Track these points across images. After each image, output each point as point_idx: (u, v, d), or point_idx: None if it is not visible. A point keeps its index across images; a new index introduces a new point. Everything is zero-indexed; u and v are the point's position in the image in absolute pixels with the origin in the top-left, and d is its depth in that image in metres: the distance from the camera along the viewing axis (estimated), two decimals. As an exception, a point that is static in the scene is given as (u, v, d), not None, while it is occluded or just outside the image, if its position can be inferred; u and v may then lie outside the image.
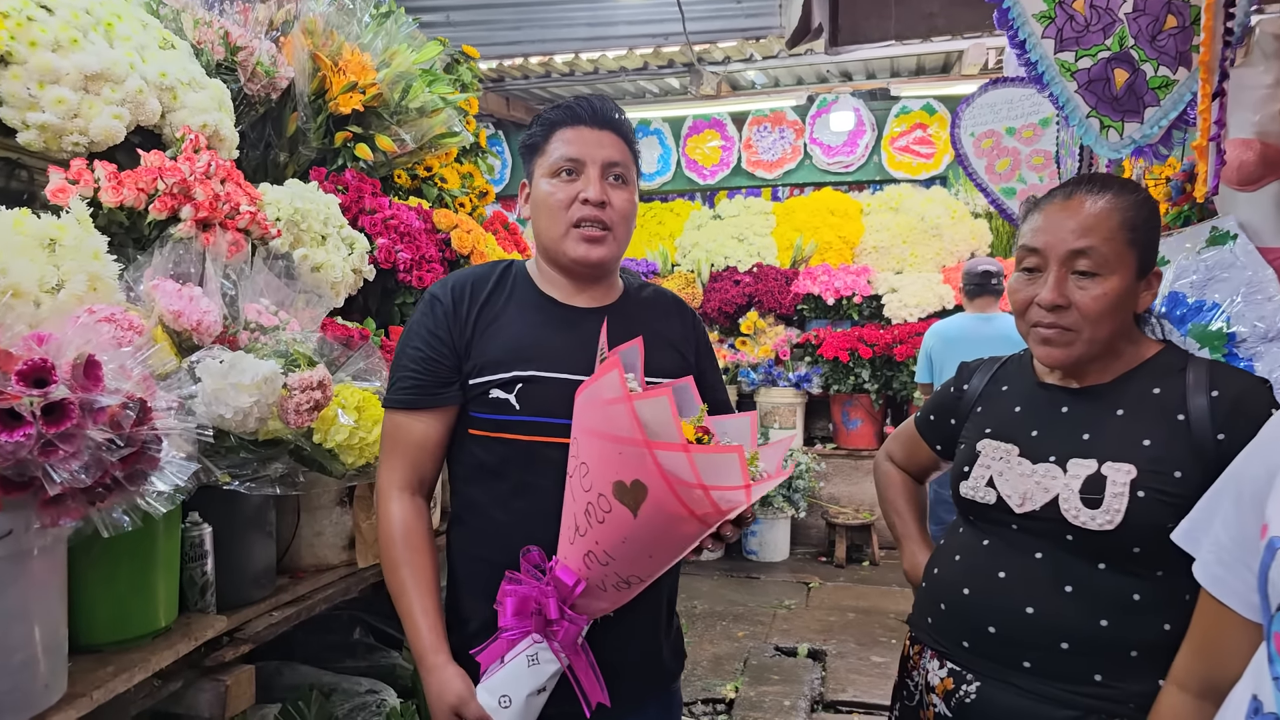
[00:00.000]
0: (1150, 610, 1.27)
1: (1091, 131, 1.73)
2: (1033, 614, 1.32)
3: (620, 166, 1.46)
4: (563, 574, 1.28)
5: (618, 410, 1.14)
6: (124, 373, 1.19)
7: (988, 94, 3.31)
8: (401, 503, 1.44)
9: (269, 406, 1.42)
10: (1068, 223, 1.33)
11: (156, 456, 1.13)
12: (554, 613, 1.28)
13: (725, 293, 6.81)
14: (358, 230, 2.42)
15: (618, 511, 1.17)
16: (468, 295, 1.47)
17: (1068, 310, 1.33)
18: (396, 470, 1.45)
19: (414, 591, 1.39)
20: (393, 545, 1.42)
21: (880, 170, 7.25)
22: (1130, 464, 1.28)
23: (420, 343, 1.45)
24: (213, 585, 1.60)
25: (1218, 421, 1.26)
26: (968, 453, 1.49)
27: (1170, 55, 1.72)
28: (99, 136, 1.75)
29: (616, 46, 5.88)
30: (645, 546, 1.21)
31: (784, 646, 4.42)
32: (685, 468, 1.10)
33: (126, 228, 1.68)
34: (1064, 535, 1.32)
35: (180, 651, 1.48)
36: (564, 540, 1.31)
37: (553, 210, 1.45)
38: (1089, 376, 1.40)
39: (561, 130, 1.46)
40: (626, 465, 1.14)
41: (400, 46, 2.82)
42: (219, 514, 1.60)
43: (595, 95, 1.51)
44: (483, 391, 1.42)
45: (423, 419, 1.44)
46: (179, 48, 2.08)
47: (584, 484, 1.22)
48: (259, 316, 1.60)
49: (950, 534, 1.54)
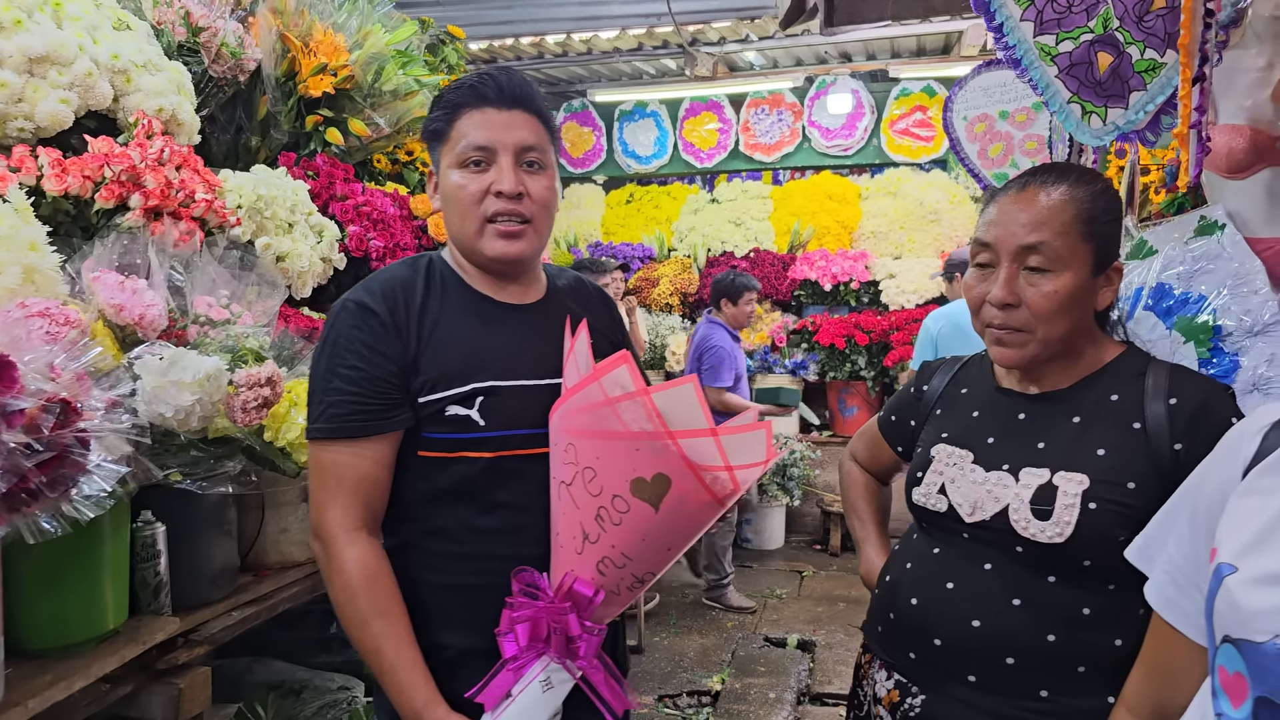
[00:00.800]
0: (1101, 626, 1.21)
1: (1072, 118, 1.66)
2: (979, 626, 1.27)
3: (536, 150, 1.32)
4: (580, 587, 1.21)
5: (631, 406, 1.10)
6: (53, 371, 1.14)
7: (981, 76, 3.23)
8: (358, 546, 1.25)
9: (214, 404, 1.37)
10: (1020, 216, 1.27)
11: (81, 461, 1.08)
12: (576, 629, 1.20)
13: (721, 278, 6.74)
14: (328, 217, 2.37)
15: (637, 509, 1.13)
16: (401, 300, 1.30)
17: (1018, 309, 1.27)
18: (348, 511, 1.26)
19: (393, 645, 1.22)
20: (357, 597, 1.23)
21: (879, 153, 7.13)
22: (1083, 474, 1.22)
23: (357, 360, 1.25)
24: (167, 586, 1.56)
25: (1176, 430, 1.20)
26: (922, 457, 1.43)
27: (1158, 37, 1.64)
28: (45, 121, 1.70)
29: (609, 27, 5.79)
30: (665, 540, 1.18)
31: (773, 637, 4.38)
32: (712, 452, 1.09)
33: (73, 216, 1.63)
34: (1014, 547, 1.26)
35: (126, 656, 1.43)
36: (567, 552, 1.23)
37: (463, 206, 1.30)
38: (1047, 381, 1.34)
39: (466, 114, 1.30)
40: (646, 461, 1.11)
41: (374, 27, 2.75)
42: (174, 513, 1.55)
43: (502, 69, 1.34)
44: (437, 409, 1.27)
45: (370, 448, 1.26)
46: (135, 28, 2.02)
47: (590, 489, 1.16)
48: (209, 310, 1.54)
49: (905, 540, 1.49)
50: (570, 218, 7.64)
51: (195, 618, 1.61)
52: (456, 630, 1.28)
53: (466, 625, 1.27)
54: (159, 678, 1.54)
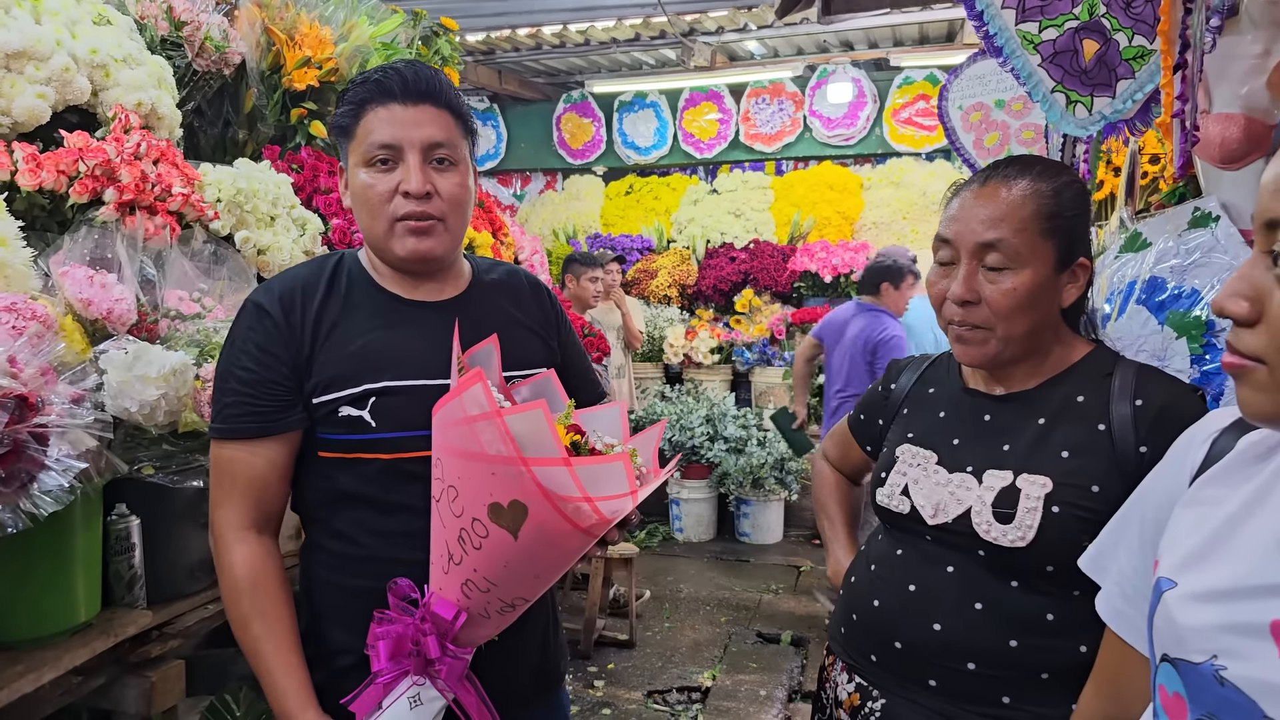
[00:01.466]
0: (1064, 632, 1.19)
1: (1056, 108, 1.63)
2: (940, 630, 1.25)
3: (445, 147, 1.27)
4: (440, 608, 1.18)
5: (486, 427, 1.04)
6: (14, 366, 1.13)
7: (976, 64, 3.19)
8: (246, 545, 1.25)
9: (180, 399, 1.37)
10: (979, 212, 1.24)
11: (38, 457, 1.07)
12: (435, 651, 1.17)
13: (720, 270, 6.72)
14: (312, 210, 2.36)
15: (496, 535, 1.08)
16: (299, 302, 1.28)
17: (978, 306, 1.24)
18: (236, 510, 1.25)
19: (271, 648, 1.22)
20: (240, 597, 1.23)
21: (882, 143, 7.07)
22: (1046, 477, 1.20)
23: (250, 362, 1.25)
24: (141, 579, 1.56)
25: (1140, 432, 1.17)
26: (887, 457, 1.41)
27: (1147, 23, 1.60)
28: (22, 117, 1.69)
29: (604, 17, 5.75)
30: (529, 567, 1.12)
31: (766, 633, 4.34)
32: (568, 482, 1.02)
33: (48, 211, 1.62)
34: (976, 550, 1.24)
35: (97, 649, 1.43)
36: (436, 569, 1.20)
37: (372, 206, 1.26)
38: (1013, 381, 1.32)
39: (371, 110, 1.25)
40: (502, 486, 1.05)
41: (360, 19, 2.74)
42: (149, 506, 1.55)
43: (408, 62, 1.28)
44: (331, 410, 1.25)
45: (263, 449, 1.25)
46: (116, 23, 2.01)
47: (454, 509, 1.12)
48: (180, 304, 1.54)
49: (870, 541, 1.47)
50: (569, 209, 7.63)
51: (169, 610, 1.61)
52: (355, 633, 1.25)
53: (363, 629, 1.24)
54: (132, 670, 1.54)
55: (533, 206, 7.97)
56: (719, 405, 5.98)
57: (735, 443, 5.76)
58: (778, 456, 5.71)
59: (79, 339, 1.37)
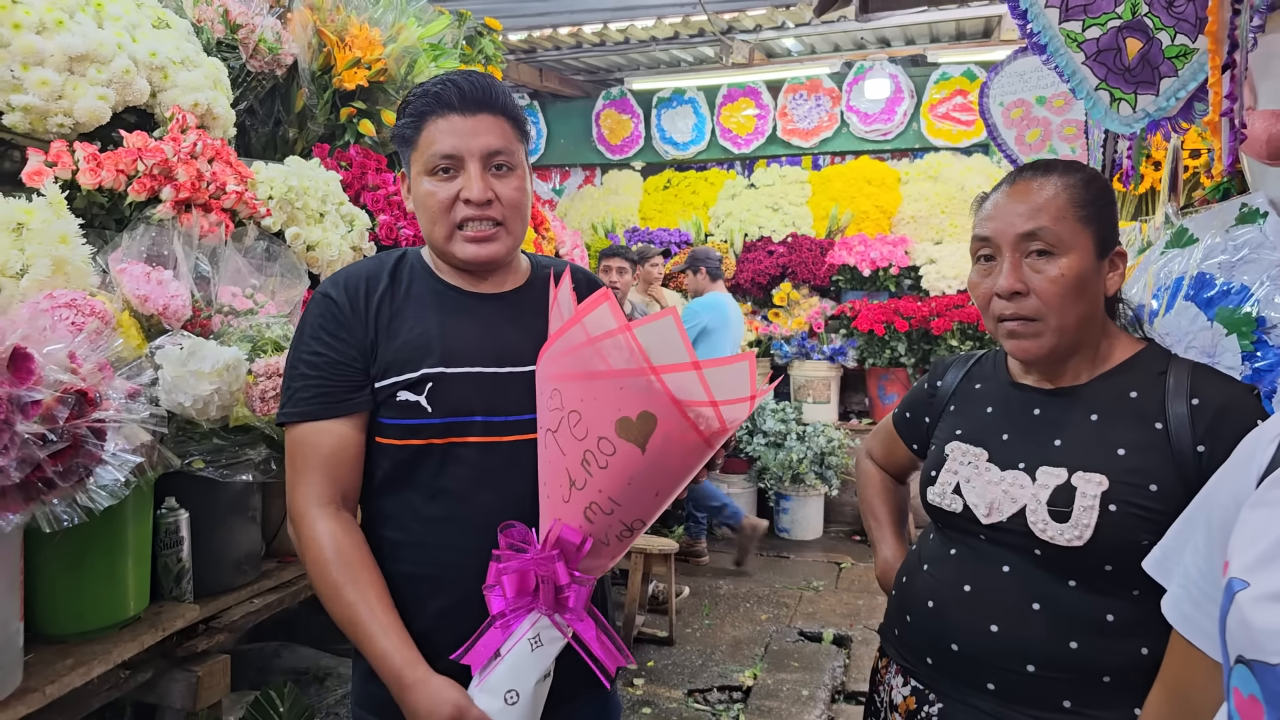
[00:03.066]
0: (1125, 633, 1.17)
1: (1100, 105, 1.62)
2: (997, 632, 1.24)
3: (503, 154, 1.32)
4: (567, 534, 1.19)
5: (614, 344, 1.09)
6: (74, 361, 1.18)
7: (1017, 61, 3.18)
8: (326, 519, 1.27)
9: (233, 394, 1.41)
10: (1016, 207, 1.26)
11: (96, 451, 1.11)
12: (564, 577, 1.18)
13: (759, 263, 6.70)
14: (360, 207, 2.41)
15: (624, 451, 1.12)
16: (363, 291, 1.34)
17: (1027, 297, 1.25)
18: (314, 486, 1.28)
19: (367, 611, 1.23)
20: (327, 568, 1.24)
21: (919, 138, 7.03)
22: (1102, 474, 1.19)
23: (320, 346, 1.30)
24: (189, 572, 1.59)
25: (1198, 432, 1.16)
26: (936, 455, 1.41)
27: (1189, 22, 1.60)
28: (84, 117, 1.75)
29: (644, 16, 5.77)
30: (651, 483, 1.17)
31: (808, 631, 4.30)
32: (697, 386, 1.07)
33: (107, 209, 1.68)
34: (1032, 549, 1.23)
35: (146, 643, 1.45)
36: (554, 501, 1.22)
37: (434, 213, 1.32)
38: (1064, 376, 1.31)
39: (432, 121, 1.30)
40: (630, 399, 1.09)
41: (409, 21, 2.79)
42: (198, 500, 1.58)
43: (464, 74, 1.33)
44: (390, 395, 1.30)
45: (334, 427, 1.29)
46: (175, 26, 2.08)
47: (576, 433, 1.15)
48: (233, 300, 1.58)
49: (922, 540, 1.46)
50: (608, 203, 7.66)
51: (216, 604, 1.63)
52: (421, 621, 1.27)
53: (429, 617, 1.27)
54: (179, 664, 1.56)
55: (571, 201, 8.01)
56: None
57: (775, 437, 5.75)
58: (817, 451, 5.70)
59: (135, 334, 1.43)
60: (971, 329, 5.73)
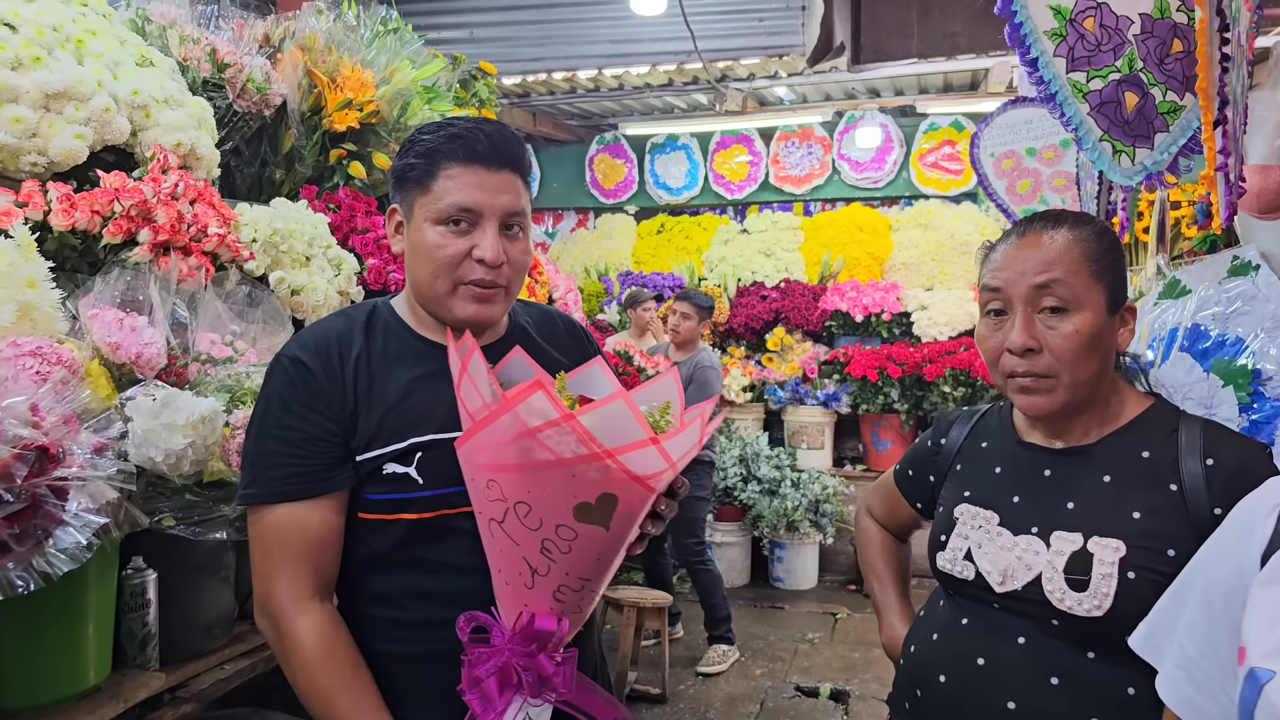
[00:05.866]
0: (1147, 707, 1.10)
1: (1104, 156, 1.61)
2: (1015, 709, 1.18)
3: (519, 215, 1.24)
4: (541, 623, 1.13)
5: (558, 432, 1.01)
6: (36, 414, 1.11)
7: (1006, 114, 3.19)
8: (310, 615, 1.16)
9: (208, 448, 1.34)
10: (1028, 259, 1.22)
11: (56, 512, 1.04)
12: (549, 668, 1.13)
13: (752, 308, 6.69)
14: (348, 250, 2.36)
15: (586, 534, 1.07)
16: (337, 355, 1.22)
17: (1040, 354, 1.20)
18: (298, 579, 1.16)
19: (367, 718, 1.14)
20: (316, 672, 1.14)
21: (909, 186, 7.13)
22: (1119, 540, 1.14)
23: (293, 420, 1.18)
24: (155, 637, 1.48)
25: (1214, 494, 1.12)
26: (945, 518, 1.35)
27: (1178, 80, 1.63)
28: (59, 156, 1.70)
29: (639, 63, 5.81)
30: (616, 551, 1.13)
31: (805, 686, 4.19)
32: (656, 459, 1.03)
33: (80, 251, 1.62)
34: (1049, 619, 1.17)
35: (106, 716, 1.35)
36: (514, 589, 1.15)
37: (438, 265, 1.21)
38: (1073, 435, 1.27)
39: (451, 166, 1.20)
40: (586, 484, 1.03)
41: (402, 64, 2.77)
42: (167, 559, 1.48)
43: (492, 124, 1.25)
44: (375, 468, 1.19)
45: (314, 511, 1.17)
46: (159, 64, 2.04)
47: (529, 523, 1.08)
48: (211, 347, 1.52)
49: (931, 606, 1.40)
50: (601, 247, 7.67)
51: (184, 671, 1.53)
52: (414, 704, 1.20)
53: (423, 697, 1.19)
54: (141, 738, 1.47)
55: (564, 244, 8.02)
56: (752, 445, 5.91)
57: (769, 484, 5.68)
58: (812, 498, 5.63)
59: (105, 384, 1.36)
60: (964, 375, 5.71)
